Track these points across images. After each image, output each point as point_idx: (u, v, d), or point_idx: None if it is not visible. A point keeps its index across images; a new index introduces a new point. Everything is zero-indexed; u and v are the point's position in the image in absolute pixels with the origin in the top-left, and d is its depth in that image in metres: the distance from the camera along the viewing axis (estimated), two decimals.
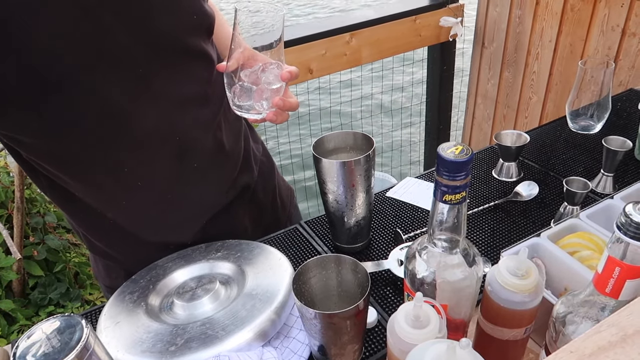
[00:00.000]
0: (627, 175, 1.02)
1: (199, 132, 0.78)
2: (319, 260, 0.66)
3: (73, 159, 0.71)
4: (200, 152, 0.79)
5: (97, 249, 0.88)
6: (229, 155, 0.86)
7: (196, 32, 0.74)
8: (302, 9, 6.72)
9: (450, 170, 0.47)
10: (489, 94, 2.36)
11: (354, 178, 0.77)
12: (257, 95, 0.70)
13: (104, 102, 0.67)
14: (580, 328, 0.49)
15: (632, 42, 1.71)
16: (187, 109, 0.75)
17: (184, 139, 0.76)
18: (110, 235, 0.84)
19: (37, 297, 1.84)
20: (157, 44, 0.68)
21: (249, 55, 0.69)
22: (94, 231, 0.85)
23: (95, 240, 0.86)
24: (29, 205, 1.92)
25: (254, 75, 0.70)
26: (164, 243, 0.86)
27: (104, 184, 0.76)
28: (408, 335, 0.50)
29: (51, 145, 0.69)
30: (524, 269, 0.54)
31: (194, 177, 0.80)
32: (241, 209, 0.93)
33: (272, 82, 0.70)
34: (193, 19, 0.72)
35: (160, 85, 0.70)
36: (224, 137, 0.83)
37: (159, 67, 0.70)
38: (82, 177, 0.74)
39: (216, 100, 0.80)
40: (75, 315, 0.43)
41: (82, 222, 0.84)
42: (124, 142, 0.71)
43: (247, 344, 0.65)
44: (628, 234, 0.42)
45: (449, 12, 2.16)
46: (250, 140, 0.95)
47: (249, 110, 0.71)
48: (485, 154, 1.15)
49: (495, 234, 0.91)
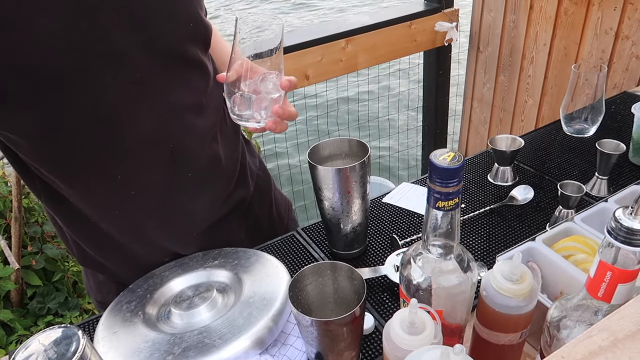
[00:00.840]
0: (621, 178, 1.03)
1: (194, 141, 0.77)
2: (315, 268, 0.66)
3: (67, 161, 0.71)
4: (195, 163, 0.79)
5: (89, 259, 0.87)
6: (225, 168, 0.85)
7: (193, 41, 0.74)
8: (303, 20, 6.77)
9: (442, 177, 0.47)
10: (485, 98, 2.37)
11: (349, 185, 0.78)
12: (257, 105, 0.71)
13: (98, 104, 0.67)
14: (574, 332, 0.49)
15: (625, 45, 1.72)
16: (181, 116, 0.75)
17: (178, 146, 0.75)
18: (103, 244, 0.83)
19: (36, 307, 1.83)
20: (154, 49, 0.69)
21: (249, 66, 0.70)
22: (87, 240, 0.84)
23: (88, 249, 0.85)
24: (27, 215, 1.92)
25: (254, 85, 0.71)
26: (157, 254, 0.85)
27: (97, 190, 0.75)
28: (403, 341, 0.50)
29: (45, 146, 0.69)
30: (518, 273, 0.54)
31: (188, 188, 0.80)
32: (236, 223, 0.92)
33: (272, 91, 0.71)
34: (190, 26, 0.73)
35: (155, 90, 0.71)
36: (220, 150, 0.83)
37: (155, 72, 0.70)
38: (75, 181, 0.74)
39: (212, 111, 0.80)
40: (72, 326, 0.44)
41: (75, 230, 0.83)
42: (118, 146, 0.71)
43: (244, 352, 0.65)
44: (618, 238, 0.42)
45: (443, 17, 2.17)
46: (246, 155, 0.95)
47: (249, 119, 0.72)
48: (480, 158, 1.15)
49: (491, 238, 0.91)
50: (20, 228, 1.79)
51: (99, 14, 0.63)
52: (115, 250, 0.84)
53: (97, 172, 0.73)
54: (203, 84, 0.77)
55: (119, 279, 0.89)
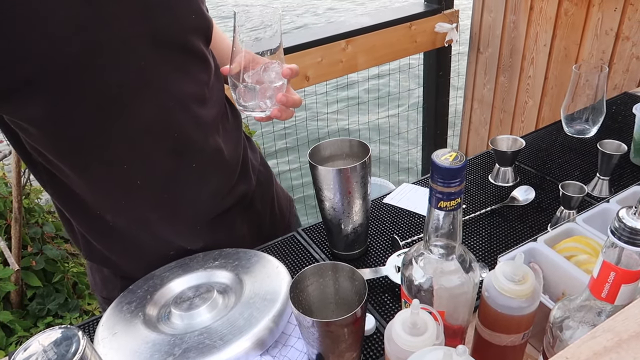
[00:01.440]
0: (622, 179, 1.03)
1: (197, 131, 0.79)
2: (316, 268, 0.66)
3: (75, 149, 0.73)
4: (198, 153, 0.80)
5: (95, 253, 0.88)
6: (228, 161, 0.87)
7: (195, 33, 0.76)
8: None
9: (444, 177, 0.47)
10: (485, 99, 2.37)
11: (350, 185, 0.78)
12: (261, 94, 0.73)
13: (103, 92, 0.68)
14: (577, 333, 0.49)
15: (625, 45, 1.72)
16: (185, 106, 0.76)
17: (181, 137, 0.77)
18: (109, 236, 0.85)
19: (36, 308, 1.83)
20: (157, 38, 0.70)
21: (251, 58, 0.72)
22: (93, 232, 0.85)
23: (94, 241, 0.86)
24: (27, 216, 1.91)
25: (257, 75, 0.73)
26: (162, 247, 0.86)
27: (104, 179, 0.77)
28: (405, 342, 0.50)
29: (54, 134, 0.70)
30: (520, 274, 0.54)
31: (191, 179, 0.81)
32: (239, 217, 0.93)
33: (274, 80, 0.73)
34: (192, 18, 0.74)
35: (159, 79, 0.72)
36: (222, 143, 0.84)
37: (158, 61, 0.71)
38: (83, 170, 0.75)
39: (214, 104, 0.82)
40: (72, 327, 0.43)
41: (82, 222, 0.85)
42: (122, 134, 0.73)
43: (245, 353, 0.65)
44: (622, 238, 0.42)
45: (444, 18, 2.17)
46: (248, 150, 0.96)
47: (254, 109, 0.74)
48: (481, 159, 1.15)
49: (492, 239, 0.91)
50: (20, 229, 1.79)
51: (102, 3, 0.64)
52: (121, 242, 0.85)
53: (103, 161, 0.75)
54: (205, 76, 0.79)
55: (124, 273, 0.90)
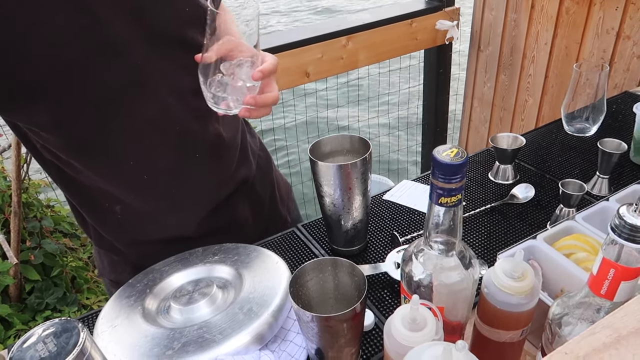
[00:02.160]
0: (622, 178, 1.03)
1: (198, 122, 0.80)
2: (316, 264, 0.66)
3: (84, 148, 0.74)
4: (200, 144, 0.81)
5: (104, 241, 0.90)
6: (228, 146, 0.88)
7: (191, 25, 0.75)
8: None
9: (445, 173, 0.47)
10: (485, 97, 2.37)
11: (350, 181, 0.78)
12: (231, 92, 0.70)
13: (103, 93, 0.69)
14: (576, 329, 0.49)
15: (626, 44, 1.72)
16: (185, 100, 0.76)
17: (183, 130, 0.78)
18: (118, 227, 0.86)
19: (34, 302, 1.83)
20: (154, 36, 0.71)
21: (231, 47, 0.69)
22: (102, 225, 0.87)
23: (105, 233, 0.88)
24: (26, 210, 1.91)
25: (231, 69, 0.70)
26: (168, 236, 0.88)
27: (111, 176, 0.78)
28: (405, 338, 0.50)
29: (62, 136, 0.71)
30: (519, 271, 0.54)
31: (196, 168, 0.82)
32: (241, 202, 0.94)
33: (245, 80, 0.71)
34: (186, 11, 0.74)
35: (157, 76, 0.73)
36: (222, 129, 0.85)
37: (156, 58, 0.72)
38: (91, 168, 0.77)
39: None
40: (71, 320, 0.43)
41: (92, 215, 0.86)
42: (126, 133, 0.74)
43: (244, 347, 0.65)
44: (622, 235, 0.42)
45: (445, 15, 2.17)
46: (247, 135, 0.97)
47: (219, 104, 0.70)
48: (481, 156, 1.15)
49: (491, 236, 0.91)
50: (19, 223, 1.79)
51: (96, 6, 0.64)
52: (128, 233, 0.87)
53: (110, 159, 0.76)
54: None
55: (131, 259, 0.92)
